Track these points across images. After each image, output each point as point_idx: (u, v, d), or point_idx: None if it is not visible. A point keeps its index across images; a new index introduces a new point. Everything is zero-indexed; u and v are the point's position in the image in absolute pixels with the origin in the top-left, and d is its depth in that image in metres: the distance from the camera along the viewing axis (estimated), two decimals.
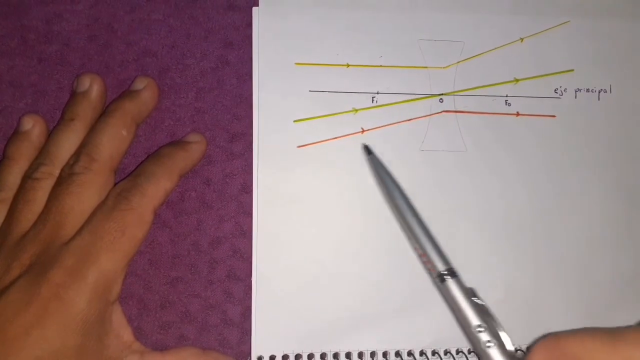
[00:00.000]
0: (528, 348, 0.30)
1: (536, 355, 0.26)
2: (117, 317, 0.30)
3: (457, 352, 0.33)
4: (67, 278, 0.27)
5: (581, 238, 0.35)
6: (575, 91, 0.37)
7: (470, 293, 0.30)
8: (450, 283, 0.30)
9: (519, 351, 0.31)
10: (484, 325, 0.29)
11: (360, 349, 0.33)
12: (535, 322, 0.34)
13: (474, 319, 0.29)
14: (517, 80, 0.36)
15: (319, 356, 0.32)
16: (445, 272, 0.30)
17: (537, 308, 0.34)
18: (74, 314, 0.27)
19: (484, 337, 0.29)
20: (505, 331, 0.29)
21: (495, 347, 0.28)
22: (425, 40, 0.36)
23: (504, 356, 0.28)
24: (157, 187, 0.30)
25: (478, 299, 0.30)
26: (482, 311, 0.29)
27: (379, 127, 0.35)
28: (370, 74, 0.35)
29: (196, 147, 0.33)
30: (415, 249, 0.32)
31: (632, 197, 0.36)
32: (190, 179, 0.34)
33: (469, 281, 0.34)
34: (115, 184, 0.30)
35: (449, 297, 0.30)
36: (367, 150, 0.33)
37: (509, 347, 0.29)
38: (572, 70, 0.37)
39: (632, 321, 0.35)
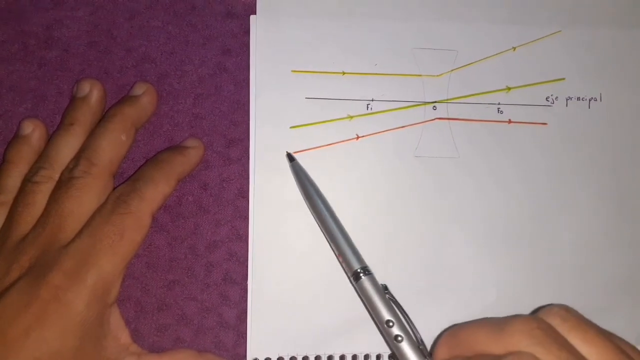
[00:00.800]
0: (435, 341, 0.31)
1: (439, 348, 0.28)
2: (115, 319, 0.30)
3: None
4: (66, 280, 0.27)
5: (573, 243, 0.36)
6: (567, 99, 0.38)
7: (382, 289, 0.31)
8: (364, 281, 0.31)
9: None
10: (394, 320, 0.30)
11: (354, 352, 0.33)
12: None
13: (385, 314, 0.30)
14: (509, 89, 0.37)
15: (313, 358, 0.33)
16: (360, 271, 0.31)
17: (530, 309, 0.34)
18: (72, 316, 0.27)
19: (394, 331, 0.30)
20: (415, 326, 0.30)
21: (404, 341, 0.30)
22: (420, 48, 0.37)
23: (412, 348, 0.29)
24: (155, 192, 0.30)
25: (390, 295, 0.31)
26: (393, 307, 0.31)
27: (374, 133, 0.36)
28: (365, 82, 0.36)
29: (194, 152, 0.34)
30: (333, 250, 0.33)
31: (622, 203, 0.37)
32: (187, 184, 0.34)
33: (462, 285, 0.34)
34: (114, 188, 0.31)
35: (364, 295, 0.31)
36: (290, 157, 0.34)
37: (418, 340, 0.30)
38: (564, 79, 0.38)
39: (626, 324, 0.35)
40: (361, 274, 0.31)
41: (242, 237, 0.34)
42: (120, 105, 0.33)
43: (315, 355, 0.33)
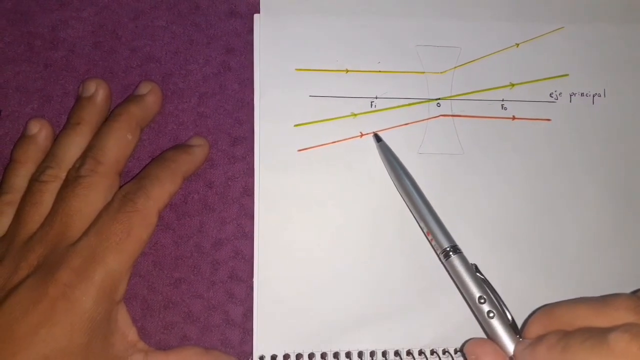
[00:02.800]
0: (525, 320, 0.31)
1: (533, 325, 0.29)
2: (122, 317, 0.30)
3: (456, 351, 0.34)
4: (74, 278, 0.27)
5: (576, 239, 0.36)
6: (570, 95, 0.38)
7: (473, 268, 0.32)
8: (454, 259, 0.32)
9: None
10: (485, 297, 0.31)
11: (360, 349, 0.33)
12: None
13: (476, 292, 0.31)
14: (512, 85, 0.37)
15: (319, 356, 0.33)
16: (449, 249, 0.32)
17: (532, 308, 0.34)
18: (80, 313, 0.27)
19: (486, 307, 0.31)
20: (505, 304, 0.31)
21: (496, 317, 0.30)
22: (423, 46, 0.37)
23: (504, 325, 0.30)
24: (161, 190, 0.31)
25: (480, 274, 0.32)
26: (485, 285, 0.31)
27: (378, 131, 0.36)
28: (369, 79, 0.36)
29: (199, 150, 0.34)
30: (422, 228, 0.34)
31: (626, 199, 0.37)
32: (193, 182, 0.35)
33: None
34: (121, 187, 0.31)
35: (454, 272, 0.32)
36: (377, 138, 0.35)
37: (509, 317, 0.31)
38: (567, 75, 0.38)
39: None
40: (451, 253, 0.32)
41: (247, 235, 0.34)
42: (125, 104, 0.33)
43: (321, 352, 0.33)
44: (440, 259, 0.33)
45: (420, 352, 0.33)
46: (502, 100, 0.37)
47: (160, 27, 0.36)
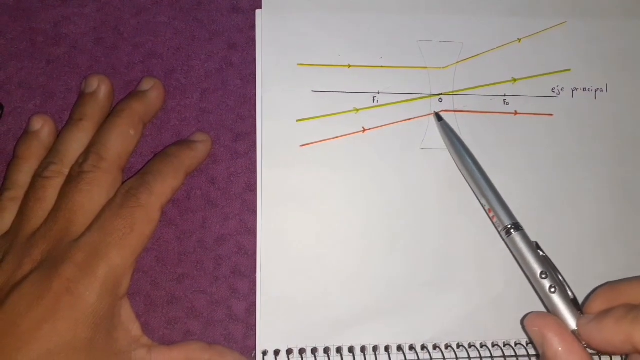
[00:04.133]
0: (587, 297, 0.32)
1: (596, 300, 0.29)
2: (126, 312, 0.30)
3: (458, 346, 0.34)
4: (77, 273, 0.28)
5: (578, 234, 0.36)
6: (572, 90, 0.38)
7: (534, 245, 0.32)
8: (515, 236, 0.32)
9: None
10: (547, 272, 0.31)
11: (363, 343, 0.33)
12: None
13: (537, 267, 0.31)
14: (515, 80, 0.37)
15: (322, 350, 0.33)
16: (511, 226, 0.32)
17: (535, 303, 0.34)
18: (84, 308, 0.27)
19: (547, 283, 0.31)
20: (566, 281, 0.32)
21: (557, 292, 0.31)
22: (425, 41, 0.37)
23: (565, 301, 0.31)
24: (164, 185, 0.31)
25: (541, 251, 0.32)
26: (545, 262, 0.32)
27: (380, 126, 0.36)
28: (371, 75, 0.36)
29: (202, 146, 0.34)
30: (483, 206, 0.34)
31: (628, 194, 0.37)
32: (195, 178, 0.35)
33: (469, 277, 0.35)
34: (124, 182, 0.31)
35: (515, 249, 0.32)
36: (438, 117, 0.35)
37: (570, 293, 0.31)
38: (569, 69, 0.38)
39: None
40: (512, 230, 0.32)
41: (250, 231, 0.34)
42: (128, 100, 0.33)
43: (324, 347, 0.33)
44: (501, 235, 0.33)
45: (423, 347, 0.34)
46: (504, 96, 0.37)
47: (163, 23, 0.36)
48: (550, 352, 0.29)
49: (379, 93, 0.36)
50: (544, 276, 0.31)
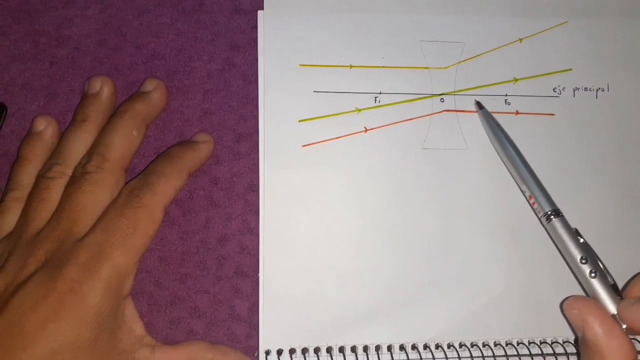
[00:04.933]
0: (627, 282, 0.32)
1: (635, 286, 0.30)
2: (130, 312, 0.31)
3: (460, 345, 0.34)
4: (81, 273, 0.28)
5: (581, 233, 0.36)
6: (574, 90, 0.38)
7: (574, 231, 0.33)
8: (556, 222, 0.33)
9: None
10: (587, 258, 0.32)
11: (366, 343, 0.33)
12: (535, 315, 0.34)
13: (577, 253, 0.32)
14: (516, 80, 0.37)
15: (325, 350, 0.33)
16: (551, 212, 0.33)
17: (537, 301, 0.35)
18: (88, 308, 0.27)
19: (587, 268, 0.32)
20: (606, 267, 0.32)
21: (597, 277, 0.31)
22: (427, 41, 0.37)
23: (605, 286, 0.31)
24: (167, 185, 0.31)
25: (581, 237, 0.33)
26: (585, 247, 0.32)
27: (382, 126, 0.36)
28: (373, 75, 0.36)
29: (204, 146, 0.34)
30: (523, 192, 0.35)
31: (630, 194, 0.37)
32: (198, 178, 0.35)
33: (470, 277, 0.35)
34: (127, 183, 0.31)
35: (555, 235, 0.33)
36: (479, 105, 0.36)
37: (610, 279, 0.32)
38: (571, 69, 0.38)
39: None
40: (552, 216, 0.33)
41: (252, 231, 0.34)
42: (130, 101, 0.34)
43: (326, 347, 0.33)
44: (541, 222, 0.34)
45: (425, 347, 0.34)
46: (506, 95, 0.37)
47: (165, 24, 0.36)
48: (590, 334, 0.29)
49: (380, 93, 0.36)
50: (584, 261, 0.32)
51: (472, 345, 0.34)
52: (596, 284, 0.31)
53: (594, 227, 0.36)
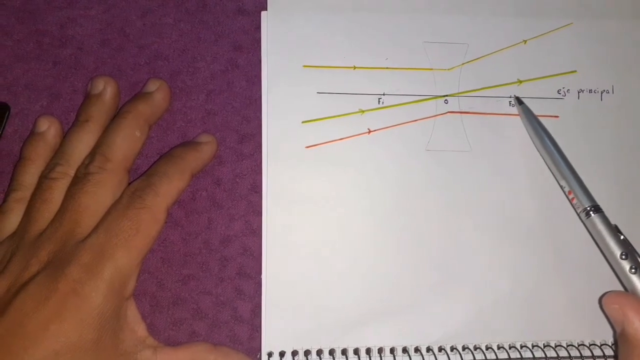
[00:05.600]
0: None
1: None
2: (132, 313, 0.30)
3: (464, 348, 0.34)
4: (84, 274, 0.28)
5: (584, 235, 0.36)
6: (578, 92, 0.38)
7: (614, 227, 0.33)
8: (595, 218, 0.33)
9: None
10: (628, 253, 0.32)
11: (368, 345, 0.33)
12: (539, 315, 0.34)
13: (617, 248, 0.32)
14: (520, 82, 0.37)
15: (327, 352, 0.33)
16: (590, 208, 0.33)
17: (542, 303, 0.34)
18: (90, 309, 0.27)
19: (628, 264, 0.32)
20: None
21: (638, 273, 0.32)
22: (430, 42, 0.37)
23: None
24: (169, 186, 0.31)
25: (621, 233, 0.33)
26: (625, 244, 0.33)
27: (386, 127, 0.36)
28: (377, 76, 0.36)
29: (207, 147, 0.34)
30: (563, 187, 0.35)
31: (635, 196, 0.36)
32: (201, 179, 0.35)
33: (475, 278, 0.35)
34: (129, 184, 0.31)
35: (594, 230, 0.33)
36: (519, 100, 0.36)
37: None
38: (575, 71, 0.38)
39: None
40: (592, 212, 0.33)
41: (255, 232, 0.34)
42: (133, 101, 0.33)
43: (329, 349, 0.33)
44: (580, 217, 0.34)
45: (429, 349, 0.33)
46: (510, 97, 0.37)
47: (168, 24, 0.36)
48: (631, 328, 0.30)
49: (384, 94, 0.36)
50: (624, 257, 0.32)
51: (476, 348, 0.34)
52: (636, 280, 0.31)
53: None
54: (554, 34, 0.38)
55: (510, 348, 0.34)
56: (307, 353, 0.33)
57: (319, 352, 0.33)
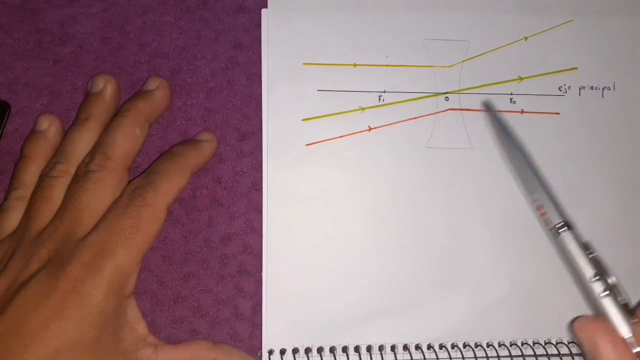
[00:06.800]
0: (638, 302, 0.31)
1: None
2: (132, 311, 0.30)
3: (464, 345, 0.34)
4: (84, 272, 0.28)
5: (587, 233, 0.35)
6: (579, 89, 0.37)
7: (585, 246, 0.30)
8: (565, 236, 0.30)
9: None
10: (599, 275, 0.29)
11: (369, 343, 0.33)
12: (540, 312, 0.34)
13: (588, 271, 0.29)
14: (521, 79, 0.37)
15: (328, 350, 0.33)
16: (562, 225, 0.30)
17: (542, 299, 0.34)
18: (91, 307, 0.27)
19: (599, 287, 0.29)
20: (619, 284, 0.29)
21: (609, 296, 0.29)
22: (431, 39, 0.37)
23: (617, 306, 0.29)
24: (170, 184, 0.31)
25: (593, 251, 0.30)
26: (596, 263, 0.30)
27: (386, 125, 0.36)
28: (377, 73, 0.36)
29: (208, 145, 0.34)
30: (532, 201, 0.32)
31: (635, 193, 0.36)
32: (201, 177, 0.35)
33: (476, 276, 0.35)
34: (130, 182, 0.31)
35: (564, 250, 0.30)
36: (487, 106, 0.35)
37: (624, 297, 0.29)
38: (576, 68, 0.38)
39: None
40: (562, 228, 0.30)
41: (256, 230, 0.34)
42: (134, 100, 0.33)
43: (330, 347, 0.33)
44: (548, 235, 0.32)
45: (429, 347, 0.33)
46: (511, 94, 0.37)
47: (168, 22, 0.36)
48: (602, 358, 0.27)
49: (384, 92, 0.36)
50: (595, 279, 0.29)
51: (477, 345, 0.34)
52: (608, 304, 0.29)
53: (600, 226, 0.36)
54: (555, 31, 0.38)
55: (511, 345, 0.34)
56: (307, 351, 0.33)
57: (320, 350, 0.33)
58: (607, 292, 0.29)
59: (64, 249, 0.29)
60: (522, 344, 0.34)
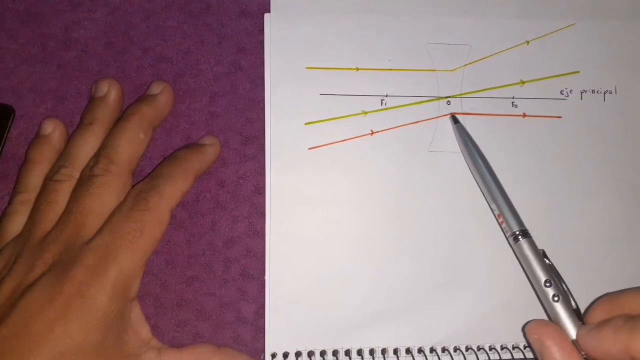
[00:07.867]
0: (587, 307, 0.31)
1: (597, 310, 0.30)
2: (136, 314, 0.31)
3: (467, 349, 0.34)
4: (88, 276, 0.28)
5: (587, 237, 0.36)
6: (581, 92, 0.38)
7: (540, 253, 0.32)
8: (523, 242, 0.32)
9: None
10: (552, 281, 0.31)
11: (372, 346, 0.33)
12: (542, 316, 0.34)
13: (542, 275, 0.32)
14: (523, 82, 0.37)
15: (331, 353, 0.33)
16: (519, 233, 0.32)
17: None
18: (95, 310, 0.28)
19: (551, 291, 0.31)
20: (570, 290, 0.32)
21: (560, 301, 0.31)
22: (433, 43, 0.37)
23: (567, 310, 0.31)
24: (173, 188, 0.31)
25: (547, 259, 0.32)
26: (550, 270, 0.32)
27: (388, 129, 0.36)
28: (379, 77, 0.36)
29: (211, 149, 0.34)
30: (492, 210, 0.34)
31: (637, 196, 0.36)
32: (204, 181, 0.35)
33: (478, 280, 0.35)
34: (134, 186, 0.31)
35: (522, 255, 0.33)
36: (454, 119, 0.35)
37: (573, 303, 0.31)
38: (578, 71, 0.38)
39: None
40: (520, 236, 0.32)
41: (259, 233, 0.34)
42: (138, 104, 0.34)
43: (333, 350, 0.33)
44: (509, 241, 0.33)
45: (432, 350, 0.33)
46: (513, 98, 0.37)
47: (172, 27, 0.37)
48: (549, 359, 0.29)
49: (387, 96, 0.36)
50: (548, 284, 0.31)
51: (479, 348, 0.34)
52: (559, 308, 0.31)
53: (601, 230, 0.36)
54: (557, 35, 0.38)
55: (513, 349, 0.34)
56: (310, 354, 0.33)
57: (323, 353, 0.33)
58: (558, 297, 0.31)
59: (68, 252, 0.29)
60: (525, 347, 0.34)
